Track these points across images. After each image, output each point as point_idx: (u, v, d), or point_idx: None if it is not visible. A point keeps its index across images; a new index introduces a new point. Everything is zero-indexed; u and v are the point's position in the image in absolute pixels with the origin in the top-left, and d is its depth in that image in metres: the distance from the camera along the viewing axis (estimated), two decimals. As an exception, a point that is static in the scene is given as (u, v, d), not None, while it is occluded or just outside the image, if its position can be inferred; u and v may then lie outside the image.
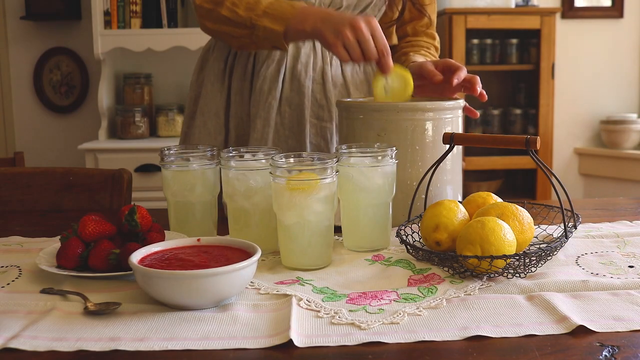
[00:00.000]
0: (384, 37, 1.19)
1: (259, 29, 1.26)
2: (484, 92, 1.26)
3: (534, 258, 0.89)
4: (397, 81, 1.23)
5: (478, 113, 1.31)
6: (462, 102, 1.23)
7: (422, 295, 0.84)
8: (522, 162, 3.55)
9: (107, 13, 3.26)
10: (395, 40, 1.51)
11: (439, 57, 1.54)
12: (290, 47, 1.39)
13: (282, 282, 0.90)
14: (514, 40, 3.64)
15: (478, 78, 1.26)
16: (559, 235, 1.07)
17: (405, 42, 1.52)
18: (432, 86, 1.33)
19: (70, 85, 3.62)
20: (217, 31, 1.35)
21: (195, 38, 3.21)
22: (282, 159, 0.97)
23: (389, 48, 1.19)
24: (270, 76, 1.39)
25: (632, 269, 0.94)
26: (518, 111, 3.71)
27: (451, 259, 0.91)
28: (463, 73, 1.26)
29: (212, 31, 1.37)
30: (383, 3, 1.42)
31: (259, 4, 1.27)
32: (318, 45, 1.41)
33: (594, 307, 0.80)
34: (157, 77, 3.58)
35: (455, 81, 1.25)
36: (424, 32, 1.52)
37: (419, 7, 1.48)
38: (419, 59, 1.42)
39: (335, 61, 1.43)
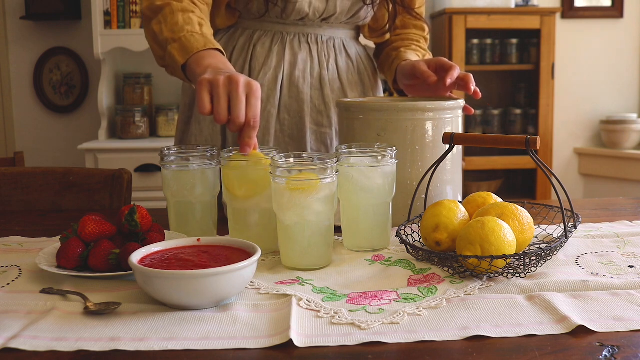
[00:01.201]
0: (259, 108, 1.01)
1: (168, 54, 1.18)
2: (478, 90, 1.26)
3: (534, 258, 0.89)
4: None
5: (473, 110, 1.31)
6: (462, 102, 1.23)
7: (422, 295, 0.84)
8: (522, 162, 3.56)
9: (107, 13, 3.26)
10: (387, 35, 1.51)
11: (437, 54, 1.55)
12: (287, 54, 1.38)
13: (282, 282, 0.90)
14: (514, 40, 3.64)
15: (471, 76, 1.27)
16: (559, 235, 1.07)
17: (395, 36, 1.53)
18: (424, 86, 1.33)
19: (70, 85, 3.62)
20: (149, 43, 1.26)
21: (195, 38, 3.20)
22: (282, 159, 0.97)
23: (258, 121, 1.01)
24: (268, 83, 1.38)
25: (632, 269, 0.94)
26: (518, 111, 3.71)
27: (451, 259, 0.91)
28: (456, 72, 1.26)
29: (148, 42, 1.26)
30: (373, 10, 1.43)
31: (182, 29, 1.17)
32: (314, 50, 1.40)
33: (594, 307, 0.80)
34: (157, 77, 3.58)
35: (449, 81, 1.25)
36: (413, 24, 1.52)
37: (409, 10, 1.48)
38: (411, 56, 1.42)
39: (332, 65, 1.42)
